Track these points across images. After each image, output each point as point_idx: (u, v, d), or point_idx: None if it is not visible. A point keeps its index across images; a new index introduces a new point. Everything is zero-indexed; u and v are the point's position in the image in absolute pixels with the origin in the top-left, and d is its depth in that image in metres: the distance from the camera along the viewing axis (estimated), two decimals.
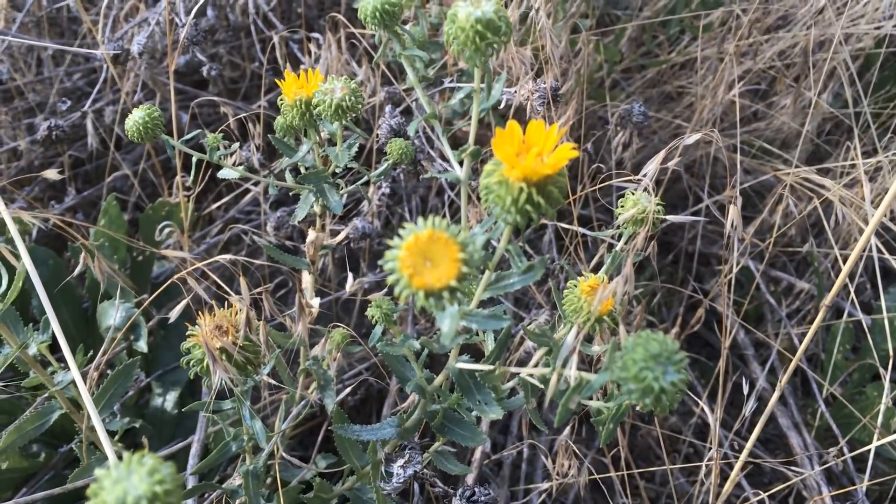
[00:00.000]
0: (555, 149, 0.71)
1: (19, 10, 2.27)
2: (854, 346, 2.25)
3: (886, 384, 1.77)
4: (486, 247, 0.80)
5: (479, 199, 1.33)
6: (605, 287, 0.90)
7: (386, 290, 1.44)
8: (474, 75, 0.80)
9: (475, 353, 1.08)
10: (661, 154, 1.04)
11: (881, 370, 1.81)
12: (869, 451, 1.73)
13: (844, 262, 2.21)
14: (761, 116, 2.45)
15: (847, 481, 1.95)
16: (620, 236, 1.05)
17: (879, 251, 1.91)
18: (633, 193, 1.00)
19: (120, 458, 1.40)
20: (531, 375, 0.91)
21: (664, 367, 0.67)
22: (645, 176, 1.01)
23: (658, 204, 0.99)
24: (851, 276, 2.15)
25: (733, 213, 1.12)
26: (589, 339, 1.16)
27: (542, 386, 0.90)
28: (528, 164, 0.68)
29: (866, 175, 1.99)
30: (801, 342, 2.29)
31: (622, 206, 1.01)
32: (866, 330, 1.96)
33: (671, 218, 1.01)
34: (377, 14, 0.90)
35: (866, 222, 1.90)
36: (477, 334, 1.02)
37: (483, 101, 0.82)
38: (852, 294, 1.92)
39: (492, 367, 0.90)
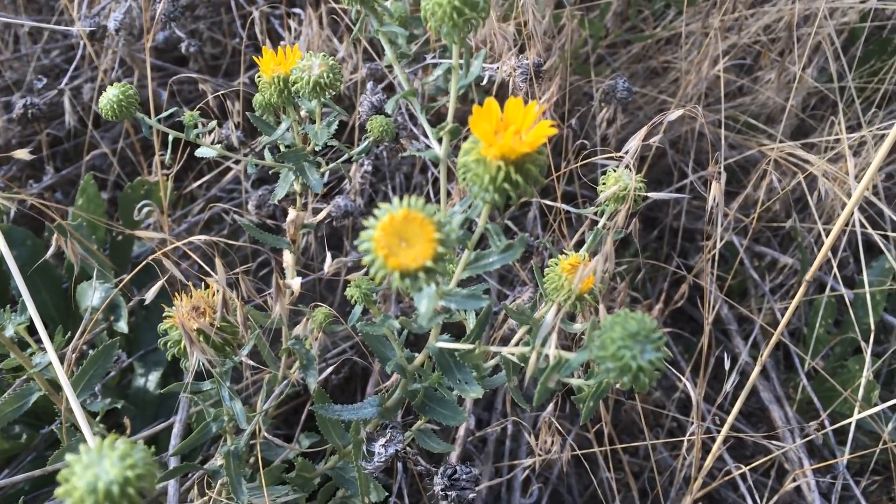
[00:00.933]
0: (533, 126, 0.70)
1: None
2: (836, 321, 2.26)
3: (868, 358, 1.79)
4: (466, 225, 0.79)
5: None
6: (586, 265, 0.89)
7: (366, 269, 1.44)
8: (452, 52, 0.79)
9: (458, 330, 1.08)
10: (643, 130, 1.03)
11: (862, 344, 1.82)
12: (850, 424, 1.75)
13: (827, 237, 2.22)
14: (746, 91, 2.44)
15: (829, 454, 1.97)
16: (603, 213, 1.04)
17: (863, 226, 1.91)
18: (614, 170, 1.00)
19: (104, 438, 1.39)
20: (512, 354, 0.91)
21: (642, 346, 0.66)
22: (627, 153, 1.01)
23: (640, 181, 0.99)
24: (834, 250, 2.15)
25: (715, 189, 1.12)
26: (572, 318, 1.15)
27: (523, 364, 0.90)
28: (505, 142, 0.67)
29: (850, 150, 2.00)
30: (784, 317, 2.30)
31: (604, 184, 1.00)
32: (848, 304, 1.97)
33: (654, 195, 1.01)
34: None
35: (850, 197, 1.90)
36: (458, 312, 1.01)
37: (462, 78, 0.81)
38: (835, 269, 1.93)
39: (472, 346, 0.89)
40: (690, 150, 2.31)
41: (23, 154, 1.06)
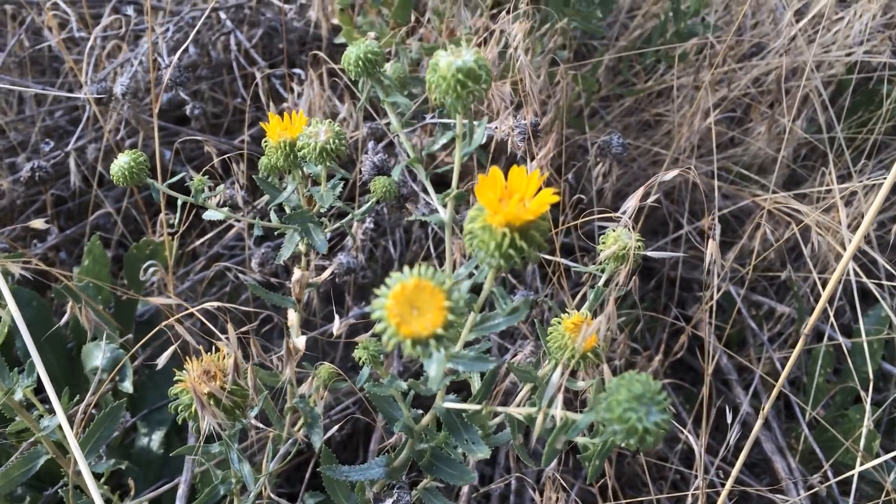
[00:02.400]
0: (536, 194, 0.72)
1: (1, 51, 2.27)
2: (836, 369, 2.28)
3: (867, 407, 1.79)
4: (472, 288, 0.81)
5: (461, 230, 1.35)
6: (589, 324, 0.91)
7: (371, 332, 1.45)
8: (456, 122, 0.82)
9: (460, 386, 1.09)
10: (640, 191, 1.06)
11: (862, 393, 1.83)
12: (848, 469, 1.75)
13: (823, 286, 2.24)
14: (738, 142, 2.49)
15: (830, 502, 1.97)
16: (603, 271, 1.06)
17: (857, 274, 1.94)
18: (613, 230, 1.02)
19: (108, 503, 1.39)
20: (519, 414, 0.92)
21: (647, 408, 0.68)
22: (625, 213, 1.03)
23: (638, 239, 1.01)
24: (830, 299, 2.18)
25: (712, 247, 1.14)
26: (573, 374, 1.17)
27: (528, 423, 0.91)
28: (510, 209, 0.70)
29: (842, 200, 2.03)
30: (783, 366, 2.31)
31: (603, 243, 1.02)
32: (846, 353, 1.99)
33: (652, 254, 1.03)
34: (360, 62, 0.92)
35: (843, 246, 1.93)
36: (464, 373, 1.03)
37: (465, 145, 0.83)
38: (832, 318, 1.95)
39: (479, 407, 0.91)
40: (685, 200, 2.35)
41: (38, 224, 1.09)
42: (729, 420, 1.44)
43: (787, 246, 2.40)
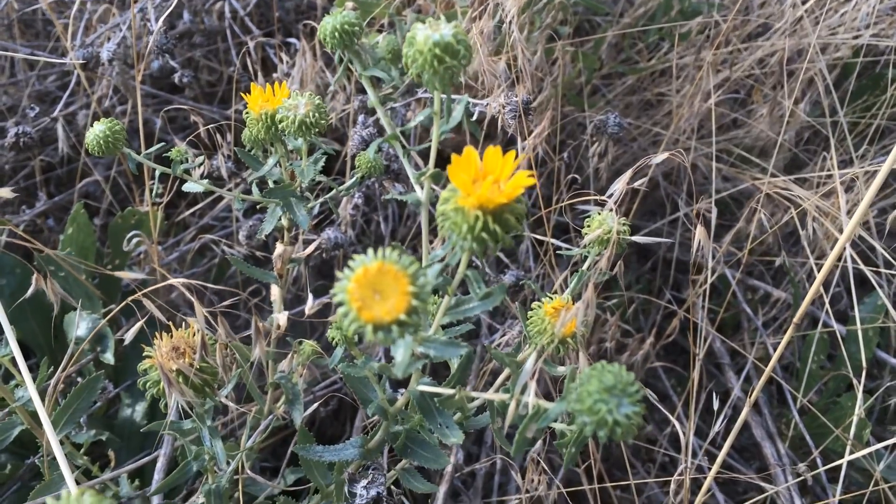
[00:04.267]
0: (512, 176, 0.69)
1: None
2: (830, 356, 2.26)
3: (859, 395, 1.77)
4: (447, 271, 0.79)
5: None
6: (569, 309, 0.89)
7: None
8: (434, 98, 0.79)
9: (444, 370, 1.07)
10: (628, 174, 1.03)
11: (854, 380, 1.81)
12: (839, 457, 1.73)
13: (819, 272, 2.22)
14: (740, 124, 2.45)
15: (820, 491, 1.95)
16: (589, 256, 1.04)
17: (854, 261, 1.91)
18: (599, 213, 0.99)
19: (87, 473, 1.38)
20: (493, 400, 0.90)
21: (618, 400, 0.66)
22: (611, 197, 1.01)
23: (624, 224, 0.98)
24: (826, 285, 2.15)
25: (700, 233, 1.12)
26: (557, 360, 1.15)
27: (501, 409, 0.89)
28: (483, 192, 0.67)
29: (842, 185, 2.00)
30: (776, 352, 2.29)
31: (588, 226, 1.00)
32: (840, 340, 1.97)
33: (638, 238, 1.00)
34: (336, 34, 0.89)
35: (841, 232, 1.90)
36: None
37: (443, 123, 0.80)
38: (827, 304, 1.93)
39: (452, 391, 0.89)
40: (683, 182, 2.32)
41: (5, 192, 1.06)
42: (716, 405, 1.42)
43: (787, 231, 2.37)
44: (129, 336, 1.03)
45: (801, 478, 1.82)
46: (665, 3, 2.16)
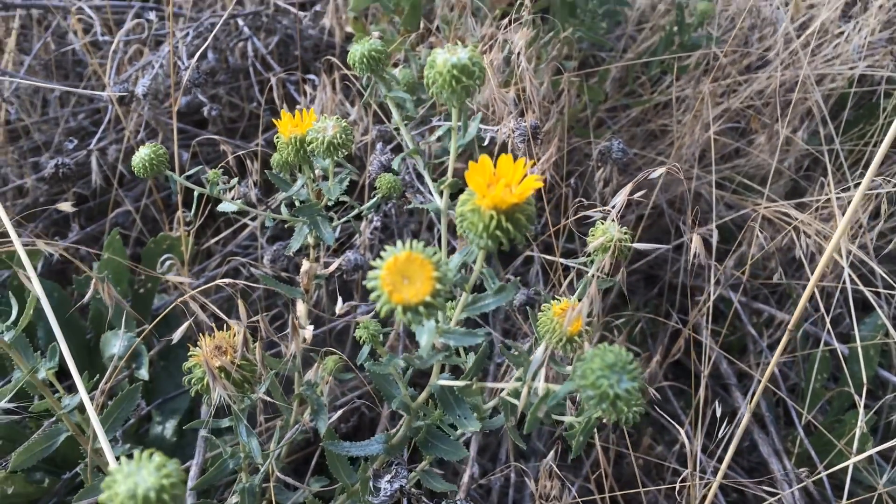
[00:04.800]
0: (522, 180, 0.79)
1: (27, 54, 2.37)
2: (835, 376, 2.32)
3: (861, 411, 1.84)
4: (464, 271, 0.88)
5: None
6: (575, 308, 0.97)
7: (373, 312, 1.52)
8: (452, 115, 0.89)
9: (459, 375, 1.15)
10: (629, 186, 1.12)
11: (856, 398, 1.88)
12: (846, 477, 1.79)
13: (821, 294, 2.29)
14: (742, 153, 2.54)
15: None
16: (592, 263, 1.12)
17: (853, 283, 1.99)
18: (602, 223, 1.08)
19: None
20: (508, 396, 0.98)
21: (619, 376, 0.74)
22: (614, 207, 1.10)
23: (626, 233, 1.07)
24: (828, 307, 2.23)
25: (697, 242, 1.20)
26: (564, 360, 1.23)
27: (517, 401, 0.97)
28: (496, 193, 0.76)
29: (840, 209, 2.08)
30: (781, 372, 2.36)
31: (592, 235, 1.09)
32: (842, 359, 2.04)
33: (638, 246, 1.09)
34: (364, 60, 0.99)
35: (839, 254, 1.98)
36: (458, 354, 1.09)
37: (460, 138, 0.90)
38: (828, 324, 2.00)
39: (469, 382, 0.97)
40: (687, 209, 2.40)
41: (65, 206, 1.16)
42: (719, 419, 1.49)
43: (790, 256, 2.45)
44: (176, 335, 1.12)
45: (803, 484, 1.87)
46: (666, 37, 2.28)
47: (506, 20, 1.77)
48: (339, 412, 1.35)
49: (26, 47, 2.49)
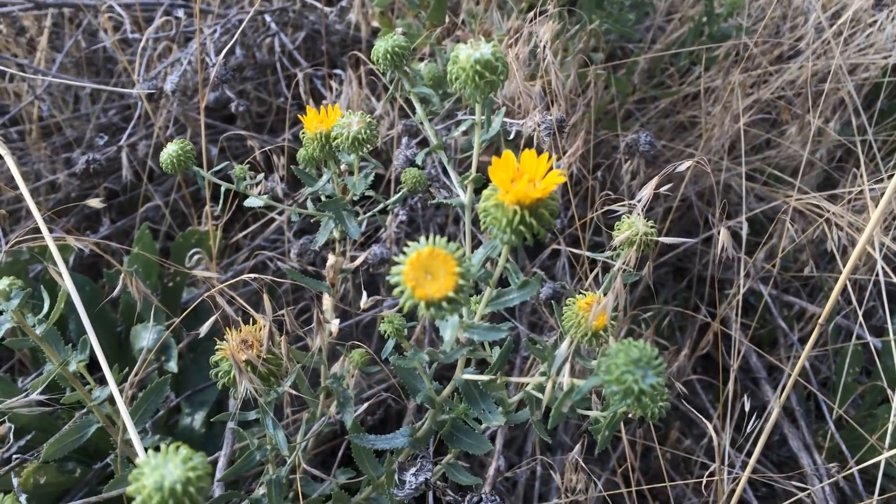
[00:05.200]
0: (546, 175, 0.78)
1: (59, 52, 2.40)
2: (868, 370, 2.29)
3: (894, 405, 1.81)
4: (488, 265, 0.88)
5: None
6: (600, 302, 0.97)
7: (398, 307, 1.53)
8: (475, 110, 0.89)
9: (485, 368, 1.15)
10: (655, 180, 1.11)
11: (889, 392, 1.85)
12: (879, 471, 1.77)
13: (854, 286, 2.26)
14: (773, 144, 2.51)
15: (857, 501, 1.98)
16: (618, 256, 1.12)
17: (887, 275, 1.96)
18: (628, 217, 1.08)
19: None
20: (533, 389, 0.98)
21: (644, 371, 0.74)
22: (640, 200, 1.09)
23: (651, 226, 1.06)
24: (860, 299, 2.19)
25: (724, 236, 1.19)
26: (590, 354, 1.22)
27: (542, 396, 0.97)
28: (520, 188, 0.76)
29: (872, 201, 2.05)
30: (812, 366, 2.33)
31: (618, 229, 1.08)
32: (874, 353, 2.00)
33: (663, 239, 1.08)
34: (388, 56, 0.99)
35: (872, 246, 1.95)
36: (483, 348, 1.09)
37: (483, 132, 0.90)
38: (860, 317, 1.97)
39: (493, 376, 0.97)
40: (716, 201, 2.38)
41: (94, 203, 1.18)
42: (747, 406, 1.48)
43: (821, 248, 2.42)
44: (203, 329, 1.13)
45: (834, 479, 1.85)
46: (695, 28, 2.25)
47: (532, 13, 1.76)
48: (366, 405, 1.35)
49: (58, 45, 2.52)
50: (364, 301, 1.24)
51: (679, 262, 2.55)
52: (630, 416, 0.95)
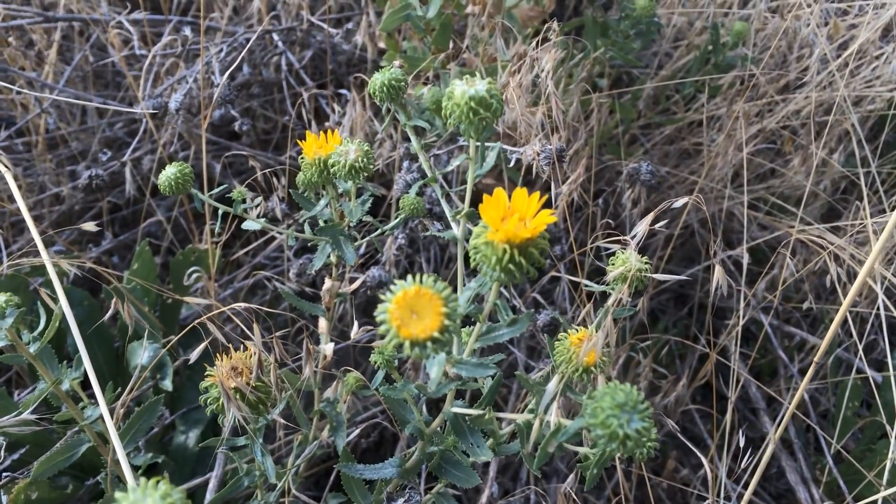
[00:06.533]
0: (536, 214, 0.78)
1: (68, 64, 2.42)
2: (868, 404, 2.27)
3: (892, 441, 1.79)
4: (479, 300, 0.88)
5: None
6: (591, 339, 0.97)
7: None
8: (469, 146, 0.89)
9: (476, 397, 1.15)
10: (650, 216, 1.11)
11: (888, 427, 1.84)
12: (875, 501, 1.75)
13: (854, 319, 2.24)
14: (777, 174, 2.51)
15: None
16: (613, 291, 1.11)
17: (888, 308, 1.95)
18: (622, 252, 1.07)
19: None
20: (521, 422, 0.97)
21: (629, 416, 0.73)
22: (634, 237, 1.09)
23: (645, 262, 1.06)
24: (861, 332, 2.18)
25: (718, 273, 1.19)
26: (583, 389, 1.22)
27: (526, 428, 0.97)
28: (510, 227, 0.76)
29: (875, 234, 2.04)
30: (812, 398, 2.31)
31: (612, 265, 1.08)
32: (874, 387, 1.99)
33: (657, 276, 1.08)
34: (384, 88, 1.00)
35: (874, 278, 1.94)
36: (475, 380, 1.09)
37: (477, 168, 0.90)
38: (860, 351, 1.96)
39: (482, 411, 0.97)
40: (718, 230, 2.38)
41: (89, 227, 1.18)
42: (741, 443, 1.47)
43: (822, 280, 2.41)
44: (194, 355, 1.13)
45: None
46: (701, 56, 2.25)
47: (536, 39, 1.77)
48: (359, 429, 1.35)
49: (68, 57, 2.54)
50: (355, 331, 1.24)
51: (681, 288, 2.54)
52: (618, 456, 0.95)
